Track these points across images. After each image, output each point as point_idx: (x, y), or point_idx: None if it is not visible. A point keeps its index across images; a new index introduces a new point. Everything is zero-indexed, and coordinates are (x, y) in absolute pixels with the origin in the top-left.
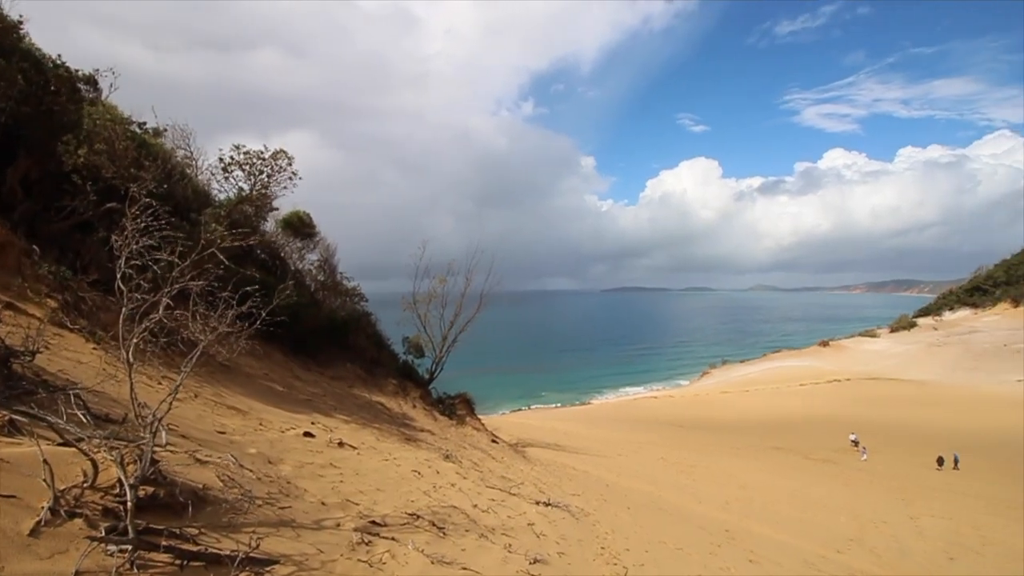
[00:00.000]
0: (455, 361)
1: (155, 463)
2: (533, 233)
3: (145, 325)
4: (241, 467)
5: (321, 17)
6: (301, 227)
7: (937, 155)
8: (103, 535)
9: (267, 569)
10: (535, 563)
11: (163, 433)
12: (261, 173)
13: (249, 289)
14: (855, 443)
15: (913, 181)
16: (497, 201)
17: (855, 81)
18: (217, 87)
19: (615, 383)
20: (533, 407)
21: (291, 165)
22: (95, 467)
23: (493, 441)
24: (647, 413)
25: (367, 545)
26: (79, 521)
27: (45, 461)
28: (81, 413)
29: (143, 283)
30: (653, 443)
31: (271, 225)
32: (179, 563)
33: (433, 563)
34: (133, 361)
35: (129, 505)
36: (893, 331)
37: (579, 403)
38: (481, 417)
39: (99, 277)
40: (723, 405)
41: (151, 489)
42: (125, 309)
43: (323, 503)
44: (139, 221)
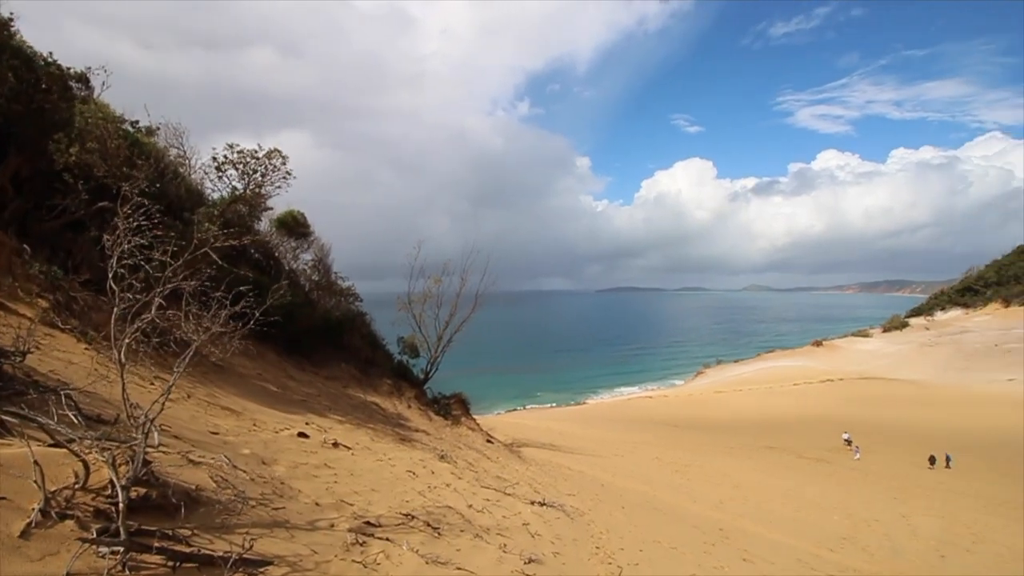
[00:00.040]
0: (450, 361)
1: (147, 464)
2: (529, 233)
3: (137, 325)
4: (234, 468)
5: (317, 16)
6: (295, 227)
7: (929, 156)
8: (94, 537)
9: (261, 570)
10: (530, 563)
11: (155, 434)
12: (255, 172)
13: (243, 289)
14: (848, 442)
15: (905, 182)
16: (493, 201)
17: (848, 83)
18: (211, 86)
19: (610, 383)
20: (528, 407)
21: (285, 164)
22: (86, 468)
23: (488, 441)
24: (642, 413)
25: (361, 546)
26: (70, 523)
27: (36, 462)
28: (72, 414)
29: (135, 283)
30: (648, 443)
31: (265, 225)
32: (171, 564)
33: (428, 563)
34: (125, 361)
35: (121, 506)
36: (885, 331)
37: (574, 403)
38: (476, 417)
39: (91, 276)
40: (717, 405)
41: (143, 490)
42: (117, 309)
43: (317, 504)
44: (131, 220)
